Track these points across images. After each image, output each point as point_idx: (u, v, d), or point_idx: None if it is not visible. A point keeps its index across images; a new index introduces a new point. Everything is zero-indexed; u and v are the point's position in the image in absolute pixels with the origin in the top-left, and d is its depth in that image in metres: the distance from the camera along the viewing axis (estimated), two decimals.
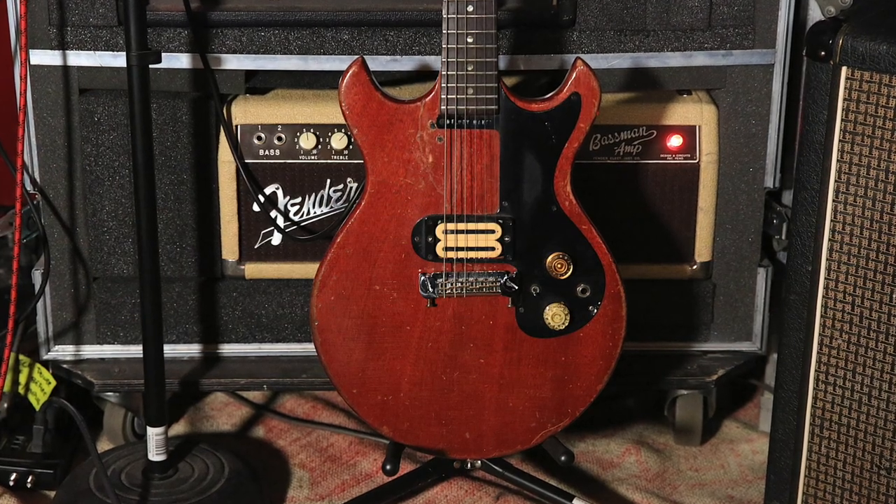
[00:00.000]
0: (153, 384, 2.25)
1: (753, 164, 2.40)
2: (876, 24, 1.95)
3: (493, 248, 2.13)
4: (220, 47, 2.31)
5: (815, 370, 2.07)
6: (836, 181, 1.97)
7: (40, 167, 2.36)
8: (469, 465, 2.31)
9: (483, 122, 2.07)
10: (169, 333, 2.45)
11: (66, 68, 2.31)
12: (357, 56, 2.09)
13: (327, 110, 2.35)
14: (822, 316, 2.04)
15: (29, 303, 2.40)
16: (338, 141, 2.36)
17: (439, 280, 2.13)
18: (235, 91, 2.36)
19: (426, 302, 2.15)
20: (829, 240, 2.00)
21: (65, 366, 2.47)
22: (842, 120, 1.95)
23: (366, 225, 2.12)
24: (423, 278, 2.14)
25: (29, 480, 2.33)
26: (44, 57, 2.30)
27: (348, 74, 2.07)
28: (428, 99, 2.07)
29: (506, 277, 2.14)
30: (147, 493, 2.24)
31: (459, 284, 2.14)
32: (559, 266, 2.13)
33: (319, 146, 2.36)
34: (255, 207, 2.39)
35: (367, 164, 2.10)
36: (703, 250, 2.43)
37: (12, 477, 2.33)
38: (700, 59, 2.34)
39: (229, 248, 2.41)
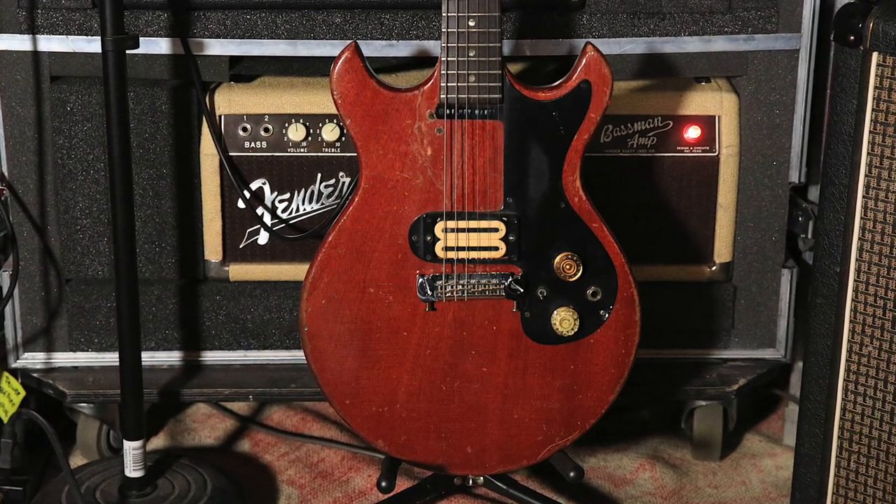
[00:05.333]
0: (130, 394, 2.25)
1: (777, 157, 2.40)
2: None
3: (496, 248, 2.13)
4: (202, 31, 2.31)
5: (844, 379, 2.06)
6: (866, 175, 1.97)
7: (8, 160, 2.36)
8: (471, 481, 2.31)
9: (486, 111, 2.07)
10: (147, 340, 2.45)
11: (36, 54, 2.31)
12: (350, 41, 2.09)
13: (318, 99, 2.35)
14: (851, 321, 2.03)
15: None
16: (329, 132, 2.36)
17: (438, 282, 2.13)
18: (219, 78, 2.36)
19: (424, 306, 2.15)
20: (859, 238, 2.00)
21: (35, 374, 2.47)
22: (872, 109, 1.94)
23: (359, 223, 2.12)
24: (421, 280, 2.13)
25: None
26: (12, 42, 2.30)
27: (340, 61, 2.06)
28: (426, 87, 2.07)
29: (510, 279, 2.14)
30: None
31: (460, 287, 2.13)
32: (568, 267, 2.13)
33: (309, 138, 2.36)
34: (241, 204, 2.39)
35: (360, 158, 2.10)
36: (722, 250, 2.43)
37: None
38: (720, 44, 2.34)
39: (212, 248, 2.41)
